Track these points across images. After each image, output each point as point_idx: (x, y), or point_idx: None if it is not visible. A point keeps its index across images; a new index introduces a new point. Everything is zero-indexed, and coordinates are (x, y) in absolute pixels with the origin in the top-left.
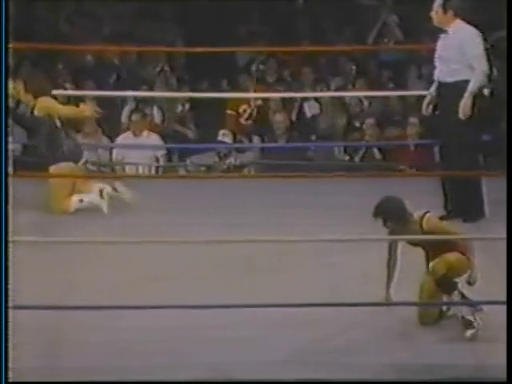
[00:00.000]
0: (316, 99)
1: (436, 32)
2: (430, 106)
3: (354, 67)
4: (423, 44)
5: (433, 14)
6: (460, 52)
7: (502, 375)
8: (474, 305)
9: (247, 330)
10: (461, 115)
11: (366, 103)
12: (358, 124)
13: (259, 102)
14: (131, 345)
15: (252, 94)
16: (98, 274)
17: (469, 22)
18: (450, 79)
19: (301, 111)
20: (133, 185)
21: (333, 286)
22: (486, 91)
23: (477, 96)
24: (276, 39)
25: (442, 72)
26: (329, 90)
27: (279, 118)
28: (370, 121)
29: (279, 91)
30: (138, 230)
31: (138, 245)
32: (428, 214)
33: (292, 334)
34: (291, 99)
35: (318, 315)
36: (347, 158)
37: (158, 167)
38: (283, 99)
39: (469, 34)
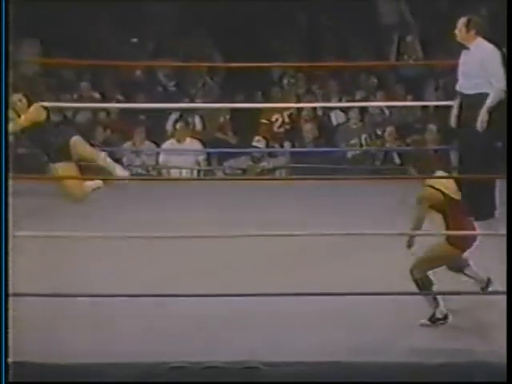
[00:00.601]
0: (342, 109)
1: (451, 49)
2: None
3: (375, 80)
4: (440, 60)
5: (456, 31)
6: (481, 68)
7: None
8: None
9: (286, 318)
10: (479, 128)
11: (387, 113)
12: (379, 132)
13: (290, 112)
14: (178, 330)
15: (284, 104)
16: (147, 266)
17: (489, 40)
18: (470, 92)
19: (328, 120)
20: (174, 186)
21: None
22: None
23: (494, 108)
24: (305, 55)
25: (464, 85)
26: (354, 101)
27: (308, 127)
28: (390, 129)
29: (308, 102)
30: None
31: (178, 240)
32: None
33: (325, 323)
34: (320, 109)
35: (347, 306)
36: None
37: (199, 170)
38: (313, 110)
39: (490, 52)
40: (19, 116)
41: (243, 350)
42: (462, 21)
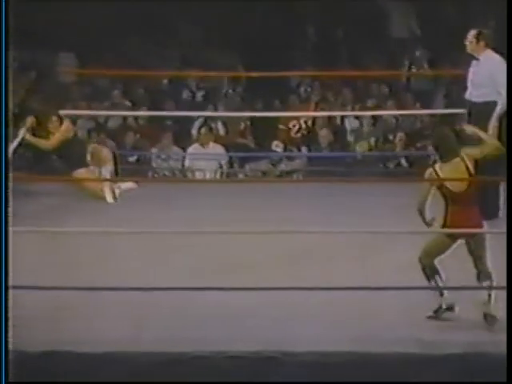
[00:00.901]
0: (355, 116)
1: (456, 60)
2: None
3: (386, 89)
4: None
5: (467, 42)
6: (490, 78)
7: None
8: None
9: (298, 309)
10: (490, 134)
11: (399, 120)
12: (390, 137)
13: (306, 119)
14: (199, 320)
15: (302, 113)
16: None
17: (497, 51)
18: (479, 100)
19: (342, 126)
20: (201, 187)
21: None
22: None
23: (503, 115)
24: (321, 66)
25: (473, 94)
26: (366, 108)
27: (323, 133)
28: (400, 135)
29: (323, 109)
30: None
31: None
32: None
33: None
34: (334, 116)
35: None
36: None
37: (221, 172)
38: (327, 116)
39: (498, 63)
40: (49, 134)
41: (262, 341)
42: (472, 33)
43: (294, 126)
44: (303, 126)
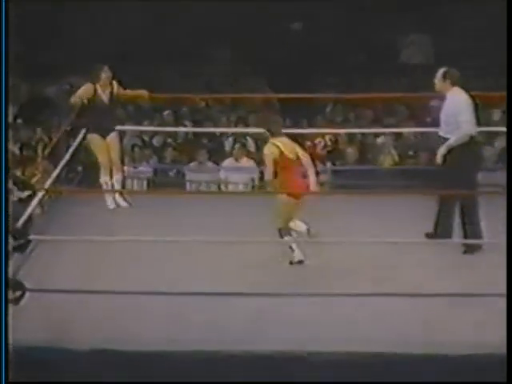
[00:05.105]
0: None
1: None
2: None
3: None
4: None
5: (435, 81)
6: (454, 117)
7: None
8: None
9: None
10: (438, 161)
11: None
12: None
13: (331, 137)
14: (230, 323)
15: (322, 130)
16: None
17: (465, 89)
18: (449, 136)
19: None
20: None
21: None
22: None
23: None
24: (344, 89)
25: (443, 130)
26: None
27: (350, 151)
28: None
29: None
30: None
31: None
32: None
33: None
34: (355, 134)
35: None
36: None
37: (253, 185)
38: (349, 135)
39: (463, 101)
40: None
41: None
42: (439, 72)
43: (320, 142)
44: (328, 143)
